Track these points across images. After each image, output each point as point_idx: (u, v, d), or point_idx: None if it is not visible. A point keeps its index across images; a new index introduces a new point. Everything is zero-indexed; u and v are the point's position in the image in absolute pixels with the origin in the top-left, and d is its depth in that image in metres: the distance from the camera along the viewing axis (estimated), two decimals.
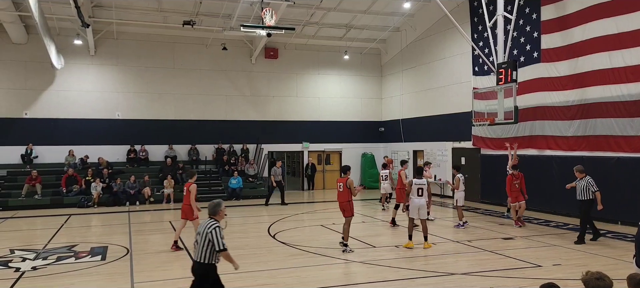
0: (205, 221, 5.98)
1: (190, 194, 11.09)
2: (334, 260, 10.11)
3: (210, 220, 5.98)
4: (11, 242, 12.43)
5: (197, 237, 5.93)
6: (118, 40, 22.76)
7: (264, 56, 24.81)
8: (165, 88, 23.46)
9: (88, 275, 9.12)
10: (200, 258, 5.83)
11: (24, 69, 21.54)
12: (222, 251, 5.80)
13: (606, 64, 14.06)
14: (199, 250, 5.84)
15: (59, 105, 21.94)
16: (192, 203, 11.08)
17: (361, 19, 22.91)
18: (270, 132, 24.87)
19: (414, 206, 11.09)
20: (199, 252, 5.84)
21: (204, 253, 5.80)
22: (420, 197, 11.04)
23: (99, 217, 17.15)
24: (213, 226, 5.84)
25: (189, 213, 11.20)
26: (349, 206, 10.75)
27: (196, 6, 20.22)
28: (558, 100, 15.71)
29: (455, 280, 8.50)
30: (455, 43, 20.60)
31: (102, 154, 21.85)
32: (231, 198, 21.33)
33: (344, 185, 10.74)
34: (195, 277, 5.95)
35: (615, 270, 8.60)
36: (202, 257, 5.82)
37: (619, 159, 13.79)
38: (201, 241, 5.83)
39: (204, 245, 5.80)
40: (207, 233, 5.79)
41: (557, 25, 15.73)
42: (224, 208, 6.19)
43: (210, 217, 6.05)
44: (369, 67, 26.92)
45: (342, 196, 10.82)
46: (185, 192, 11.30)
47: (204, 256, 5.81)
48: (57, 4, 19.16)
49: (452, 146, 21.08)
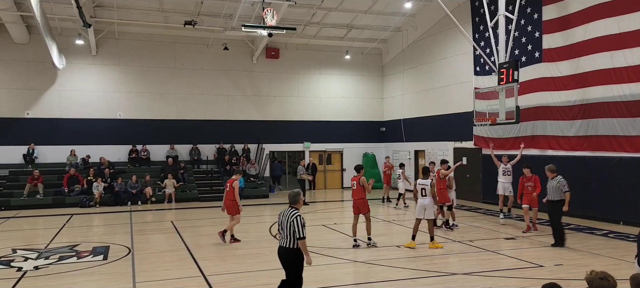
0: (287, 210, 6.46)
1: (233, 190, 11.69)
2: (335, 259, 10.11)
3: (291, 208, 6.46)
4: (13, 241, 12.45)
5: (281, 225, 6.46)
6: (119, 40, 22.79)
7: (265, 56, 24.82)
8: (166, 88, 23.48)
9: (90, 275, 9.13)
10: (286, 244, 6.37)
11: (26, 69, 21.57)
12: (301, 239, 6.27)
13: (608, 63, 14.03)
14: (285, 236, 6.38)
15: (61, 105, 21.98)
16: (236, 198, 11.69)
17: (362, 18, 22.91)
18: (271, 132, 24.88)
19: (419, 206, 11.19)
20: (284, 238, 6.39)
21: (290, 239, 6.33)
22: (425, 197, 11.07)
23: (100, 216, 17.16)
24: (295, 215, 6.33)
25: (232, 208, 11.77)
26: (363, 203, 11.15)
27: (197, 6, 20.23)
28: (560, 100, 15.69)
29: (457, 280, 8.50)
30: (457, 43, 20.59)
31: (103, 154, 21.88)
32: None
33: (357, 183, 11.13)
34: (281, 260, 6.51)
35: (617, 270, 8.59)
36: (288, 243, 6.35)
37: (621, 159, 13.77)
38: (286, 229, 6.36)
39: (290, 233, 6.31)
40: (290, 222, 6.29)
41: (558, 25, 15.71)
42: (302, 197, 6.72)
43: (291, 205, 6.52)
44: (370, 67, 26.92)
45: (357, 194, 11.18)
46: (229, 188, 11.86)
47: (289, 242, 6.33)
48: (59, 4, 19.19)
49: (454, 146, 21.08)
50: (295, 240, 6.28)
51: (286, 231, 6.36)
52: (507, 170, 14.67)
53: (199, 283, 8.43)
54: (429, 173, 11.77)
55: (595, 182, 14.48)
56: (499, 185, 14.83)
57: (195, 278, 8.74)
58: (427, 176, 11.41)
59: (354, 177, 11.36)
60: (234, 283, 8.52)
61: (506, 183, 14.65)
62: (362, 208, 11.15)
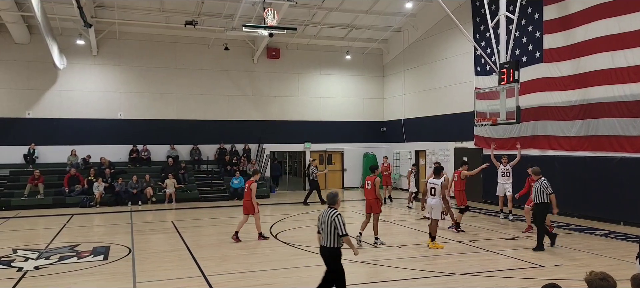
0: (326, 210, 6.70)
1: (251, 191, 11.87)
2: None
3: (331, 209, 6.72)
4: (14, 241, 12.47)
5: (321, 226, 6.67)
6: (120, 40, 22.79)
7: (266, 56, 24.82)
8: (167, 88, 23.49)
9: (90, 275, 9.14)
10: (327, 244, 6.61)
11: (27, 69, 21.58)
12: (344, 235, 6.54)
13: (609, 64, 14.02)
14: (326, 236, 6.60)
15: (62, 105, 21.99)
16: (252, 199, 11.82)
17: (363, 19, 22.90)
18: (272, 132, 24.88)
19: (427, 205, 11.44)
20: (326, 238, 6.61)
21: (331, 238, 6.56)
22: (433, 196, 11.14)
23: (101, 216, 17.17)
24: (335, 214, 6.60)
25: (250, 208, 11.93)
26: (377, 203, 11.31)
27: (198, 6, 20.24)
28: (560, 100, 15.68)
29: (458, 281, 8.49)
30: (457, 43, 20.58)
31: (104, 154, 21.89)
32: (233, 198, 21.32)
33: (372, 182, 11.33)
34: (324, 259, 6.75)
35: (618, 270, 8.58)
36: (329, 243, 6.59)
37: (622, 159, 13.76)
38: (327, 228, 6.58)
39: (330, 232, 6.55)
40: (331, 221, 6.53)
41: (559, 25, 15.70)
42: (340, 198, 6.98)
43: (330, 206, 6.79)
44: (371, 67, 26.91)
45: (370, 193, 11.38)
46: (247, 189, 12.05)
47: (330, 241, 6.57)
48: (60, 4, 19.21)
49: (454, 146, 21.07)
50: (336, 238, 6.53)
51: (327, 230, 6.57)
52: (506, 171, 14.63)
53: (200, 283, 8.43)
54: (441, 172, 11.74)
55: (595, 182, 14.47)
56: (499, 186, 14.81)
57: (196, 278, 8.74)
58: (438, 176, 11.45)
59: (369, 177, 11.62)
60: (235, 283, 8.52)
61: (506, 184, 14.62)
62: (374, 208, 11.34)
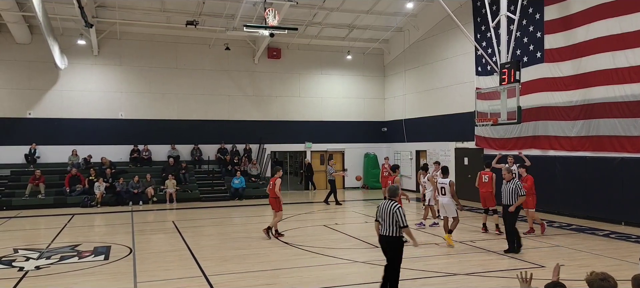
0: (386, 202, 7.13)
1: (275, 187, 12.40)
2: (336, 260, 10.11)
3: (391, 201, 7.11)
4: (15, 241, 12.48)
5: (381, 216, 7.12)
6: (121, 41, 22.81)
7: (266, 56, 24.83)
8: (168, 88, 23.50)
9: (91, 275, 9.14)
10: (387, 233, 7.03)
11: (28, 69, 21.61)
12: (405, 227, 6.95)
13: (610, 64, 14.02)
14: (386, 226, 7.04)
15: (63, 105, 22.01)
16: (277, 193, 12.29)
17: (364, 19, 22.90)
18: (272, 132, 24.89)
19: (440, 205, 11.73)
20: (386, 228, 7.04)
21: (391, 228, 6.99)
22: (444, 195, 11.47)
23: (102, 216, 17.19)
24: (396, 206, 7.01)
25: (275, 205, 12.41)
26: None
27: (199, 6, 20.25)
28: (561, 101, 15.67)
29: (459, 281, 8.49)
30: (458, 43, 20.58)
31: (105, 154, 21.91)
32: (234, 198, 21.37)
33: (392, 182, 11.60)
34: (383, 247, 7.21)
35: (619, 270, 8.58)
36: (389, 232, 7.00)
37: (623, 159, 13.75)
38: (387, 219, 7.02)
39: (392, 223, 6.98)
40: (392, 213, 6.97)
41: (560, 25, 15.69)
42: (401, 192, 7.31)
43: (390, 198, 7.18)
44: (372, 67, 26.91)
45: None
46: (271, 186, 12.56)
47: (391, 231, 6.99)
48: (61, 4, 19.23)
49: (455, 146, 21.06)
50: (397, 228, 6.94)
51: (388, 221, 7.01)
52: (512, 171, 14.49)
53: (200, 283, 8.43)
54: (448, 172, 11.97)
55: (596, 183, 14.46)
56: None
57: (197, 278, 8.74)
58: (446, 175, 11.73)
59: (389, 177, 12.36)
60: (235, 283, 8.52)
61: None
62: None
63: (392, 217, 6.97)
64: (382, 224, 7.11)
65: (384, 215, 7.08)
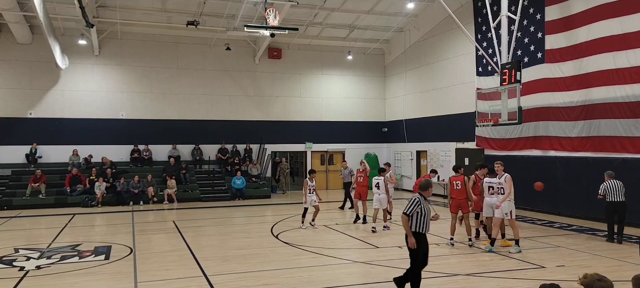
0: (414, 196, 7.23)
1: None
2: (337, 260, 10.11)
3: (418, 194, 7.22)
4: (15, 241, 12.48)
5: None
6: (122, 40, 22.82)
7: (267, 56, 24.83)
8: (169, 88, 23.52)
9: (92, 275, 9.15)
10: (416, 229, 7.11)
11: (29, 68, 21.63)
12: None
13: (611, 64, 14.00)
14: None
15: (63, 105, 22.02)
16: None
17: (365, 19, 22.90)
18: (273, 132, 24.89)
19: (485, 205, 11.35)
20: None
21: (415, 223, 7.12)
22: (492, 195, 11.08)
23: (102, 216, 17.19)
24: (415, 197, 7.13)
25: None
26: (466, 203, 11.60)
27: (200, 6, 20.26)
28: (562, 101, 15.65)
29: (459, 281, 8.48)
30: (459, 43, 20.57)
31: (106, 154, 21.91)
32: (234, 198, 21.36)
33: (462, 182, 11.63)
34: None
35: (620, 271, 8.58)
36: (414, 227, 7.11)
37: (624, 160, 13.72)
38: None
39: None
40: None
41: (561, 26, 15.68)
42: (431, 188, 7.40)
43: (420, 193, 7.25)
44: (373, 67, 26.91)
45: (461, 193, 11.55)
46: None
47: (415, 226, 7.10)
48: (62, 4, 19.25)
49: (456, 146, 21.05)
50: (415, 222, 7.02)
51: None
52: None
53: (201, 283, 8.43)
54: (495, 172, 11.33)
55: (597, 183, 14.36)
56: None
57: (197, 278, 8.74)
58: (493, 175, 11.29)
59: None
60: (236, 283, 8.51)
61: None
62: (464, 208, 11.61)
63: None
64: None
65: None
